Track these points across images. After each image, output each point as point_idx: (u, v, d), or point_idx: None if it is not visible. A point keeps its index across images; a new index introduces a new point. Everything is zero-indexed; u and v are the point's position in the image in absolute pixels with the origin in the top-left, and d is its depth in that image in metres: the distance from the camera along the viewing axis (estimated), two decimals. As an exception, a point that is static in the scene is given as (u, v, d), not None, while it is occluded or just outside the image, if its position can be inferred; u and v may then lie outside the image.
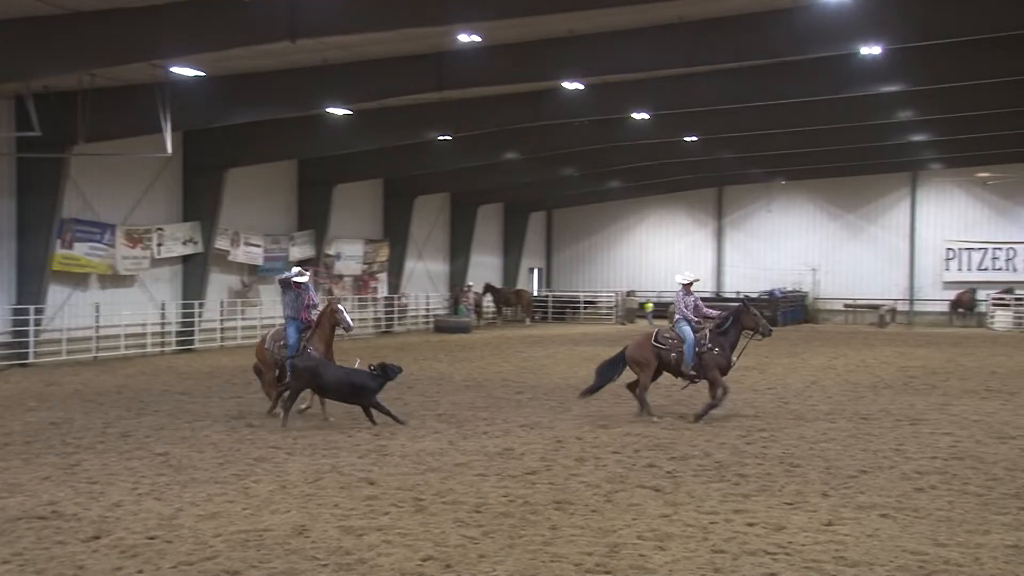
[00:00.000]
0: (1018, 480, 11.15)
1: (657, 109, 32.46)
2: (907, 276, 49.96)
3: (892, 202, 50.65)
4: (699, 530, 9.06)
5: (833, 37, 23.57)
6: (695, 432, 14.54)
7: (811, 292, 50.64)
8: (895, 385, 20.89)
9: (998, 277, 47.92)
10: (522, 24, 22.57)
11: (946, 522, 9.31)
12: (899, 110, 34.24)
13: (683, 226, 54.33)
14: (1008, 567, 7.92)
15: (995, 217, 48.84)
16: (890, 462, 12.24)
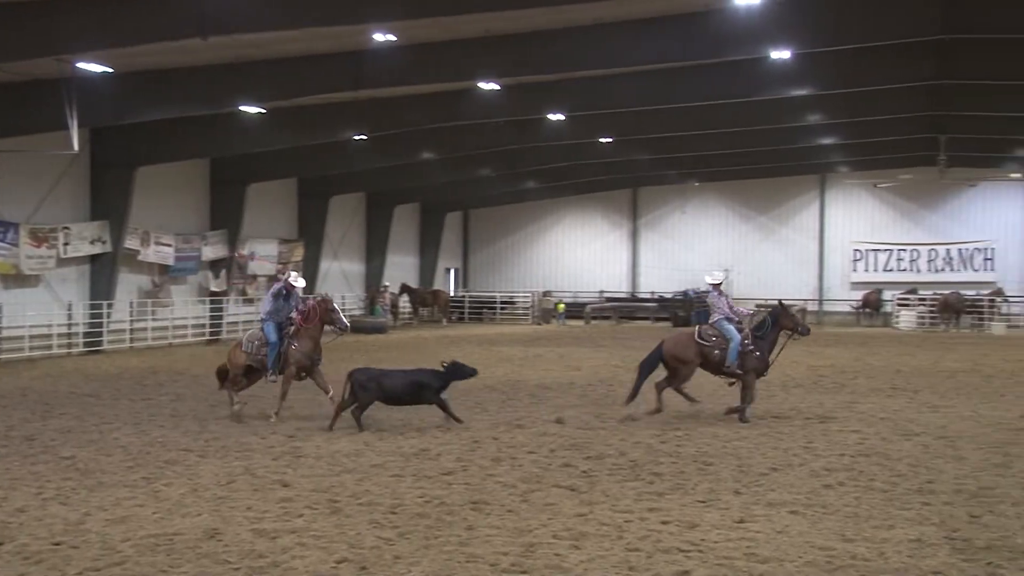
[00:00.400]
0: (921, 476, 11.43)
1: (573, 110, 32.66)
2: (817, 276, 51.03)
3: (802, 204, 51.66)
4: (614, 529, 9.12)
5: (745, 41, 23.96)
6: (610, 431, 14.65)
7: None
8: (805, 384, 21.28)
9: (902, 278, 49.22)
10: (438, 24, 22.53)
11: (853, 518, 9.50)
12: (808, 113, 34.95)
13: (599, 227, 54.72)
14: (911, 560, 8.11)
15: (899, 219, 50.20)
16: (800, 460, 12.45)
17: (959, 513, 9.66)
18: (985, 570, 7.88)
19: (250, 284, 37.69)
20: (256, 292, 37.82)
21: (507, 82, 28.50)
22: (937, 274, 49.11)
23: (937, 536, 8.84)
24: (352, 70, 24.88)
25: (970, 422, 15.72)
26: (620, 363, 26.01)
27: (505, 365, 25.53)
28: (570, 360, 26.97)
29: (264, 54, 24.31)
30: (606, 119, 35.10)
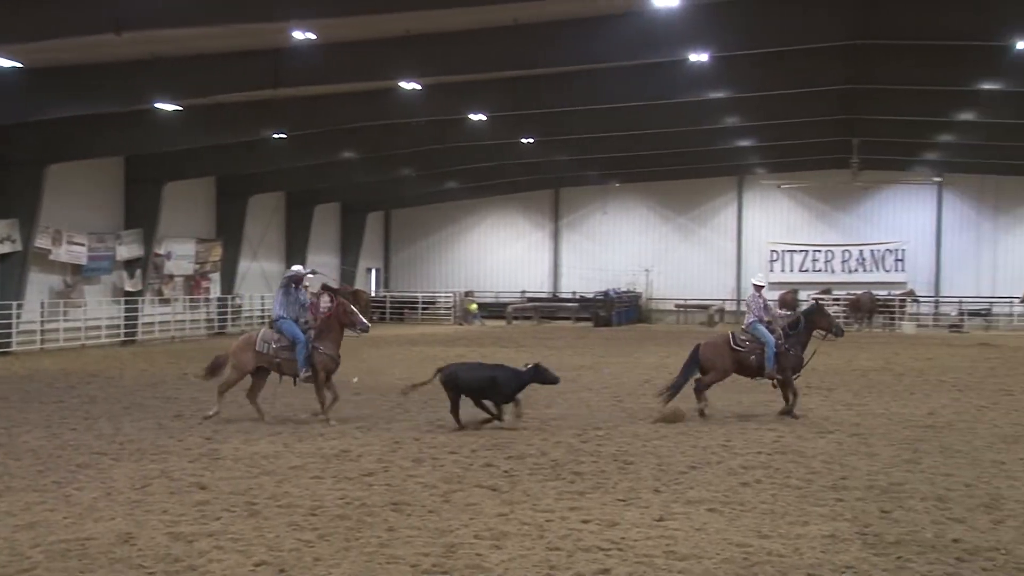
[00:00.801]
0: (835, 472, 11.65)
1: (494, 110, 32.72)
2: (735, 277, 51.71)
3: (721, 205, 52.36)
4: (535, 528, 9.14)
5: (664, 44, 24.22)
6: (532, 431, 14.69)
7: (644, 293, 51.83)
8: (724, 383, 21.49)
9: (817, 278, 50.13)
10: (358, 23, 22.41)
11: (769, 514, 9.65)
12: (726, 116, 35.46)
13: (521, 227, 54.85)
14: (825, 556, 8.26)
15: (814, 221, 51.17)
16: (718, 458, 12.61)
17: (871, 508, 9.86)
18: (895, 564, 8.06)
19: (166, 284, 37.06)
20: (172, 292, 37.23)
21: (428, 82, 28.43)
22: (850, 274, 50.12)
23: (850, 531, 9.01)
24: (271, 68, 24.60)
25: (882, 419, 16.07)
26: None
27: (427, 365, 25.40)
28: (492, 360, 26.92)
29: (180, 51, 23.91)
30: (527, 119, 35.21)
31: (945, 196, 49.66)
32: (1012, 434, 14.41)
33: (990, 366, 26.07)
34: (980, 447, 13.42)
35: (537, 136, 38.49)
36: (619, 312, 48.10)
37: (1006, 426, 15.31)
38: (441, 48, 24.47)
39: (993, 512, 9.73)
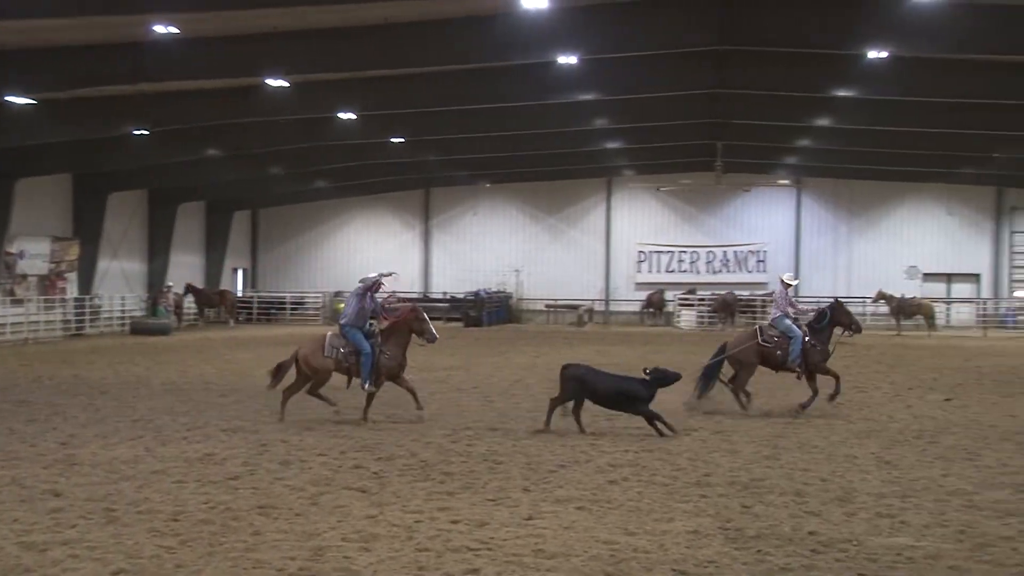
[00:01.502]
0: (699, 469, 11.92)
1: (364, 109, 32.50)
2: (603, 277, 52.46)
3: (590, 206, 53.05)
4: (404, 530, 9.11)
5: (533, 45, 24.42)
6: (401, 432, 14.64)
7: (515, 293, 52.14)
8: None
9: (683, 279, 51.26)
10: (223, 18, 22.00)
11: (636, 511, 9.82)
12: (595, 118, 35.92)
13: (391, 227, 54.62)
14: (689, 551, 8.45)
15: (680, 222, 52.30)
16: (587, 456, 12.76)
17: (733, 504, 10.12)
18: (755, 557, 8.28)
19: (19, 284, 35.69)
20: (25, 292, 35.88)
21: (296, 79, 28.05)
22: (715, 275, 51.38)
23: (712, 527, 9.23)
24: (131, 62, 23.92)
25: (744, 416, 16.47)
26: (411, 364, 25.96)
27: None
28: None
29: (33, 42, 23.05)
30: (397, 119, 35.08)
31: (804, 199, 51.37)
32: (864, 430, 14.96)
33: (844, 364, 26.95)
34: (835, 442, 13.89)
35: (407, 136, 38.36)
36: (489, 312, 48.28)
37: (859, 422, 15.89)
38: (309, 45, 24.19)
39: (846, 505, 10.08)
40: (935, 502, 10.19)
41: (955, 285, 50.40)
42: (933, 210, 50.60)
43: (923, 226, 50.62)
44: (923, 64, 27.43)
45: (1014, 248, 49.98)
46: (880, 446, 13.54)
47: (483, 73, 28.62)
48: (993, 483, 11.14)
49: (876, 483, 11.12)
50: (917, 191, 50.05)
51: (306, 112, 31.97)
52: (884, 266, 49.64)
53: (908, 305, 43.39)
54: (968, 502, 10.18)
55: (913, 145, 39.11)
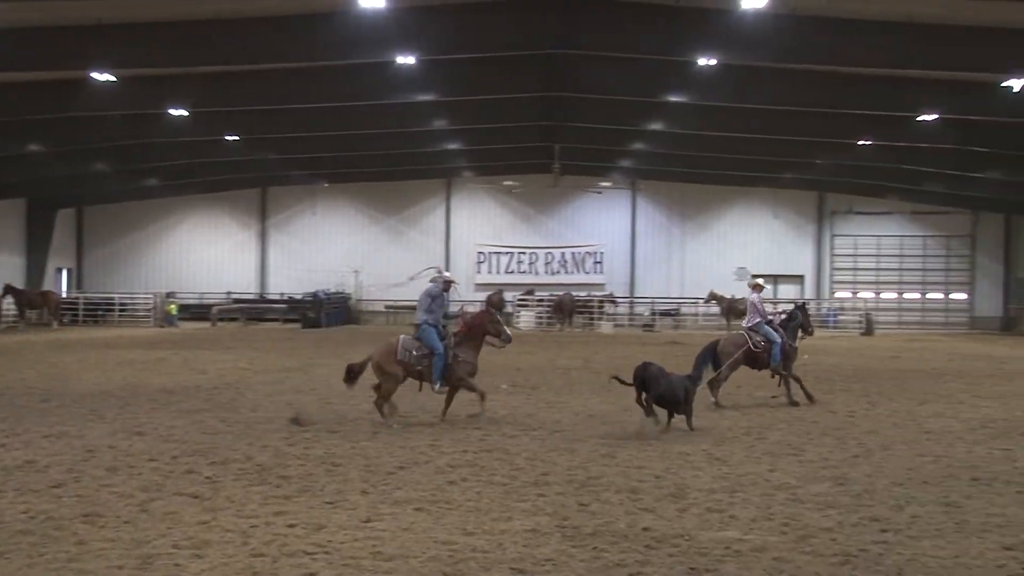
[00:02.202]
0: (538, 469, 12.04)
1: (196, 106, 31.72)
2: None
3: (430, 207, 53.10)
4: (238, 535, 8.92)
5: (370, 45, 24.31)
6: (236, 436, 14.33)
7: (354, 294, 51.73)
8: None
9: (522, 279, 51.83)
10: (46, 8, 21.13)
11: (475, 512, 9.85)
12: (434, 119, 35.97)
13: (226, 227, 53.51)
14: (527, 550, 8.53)
15: (519, 223, 52.88)
16: (426, 457, 12.74)
17: (570, 502, 10.26)
18: (591, 555, 8.42)
19: None
20: None
21: (124, 74, 27.18)
22: (553, 276, 52.13)
23: (550, 525, 9.34)
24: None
25: (582, 416, 16.74)
26: (247, 365, 25.55)
27: (124, 369, 24.33)
28: (195, 363, 26.12)
29: None
30: (232, 117, 34.38)
31: (639, 202, 52.62)
32: (696, 427, 15.36)
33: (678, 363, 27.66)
34: (669, 440, 14.24)
35: (242, 134, 37.62)
36: (328, 313, 47.77)
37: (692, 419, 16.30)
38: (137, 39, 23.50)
39: (679, 501, 10.35)
40: (762, 496, 10.56)
41: (781, 286, 52.43)
42: (760, 213, 52.54)
43: (751, 229, 52.50)
44: (749, 72, 28.49)
45: (835, 250, 52.34)
46: (711, 443, 13.94)
47: (320, 71, 28.33)
48: (815, 477, 11.62)
49: (707, 479, 11.45)
50: (746, 195, 51.89)
51: (134, 108, 31.01)
52: (715, 267, 51.28)
53: (738, 305, 44.84)
54: (792, 496, 10.59)
55: (741, 150, 40.53)
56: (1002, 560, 8.26)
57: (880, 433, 14.95)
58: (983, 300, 52.17)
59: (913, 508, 10.03)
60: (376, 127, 36.71)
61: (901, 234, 52.11)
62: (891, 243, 52.09)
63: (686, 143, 40.25)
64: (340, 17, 23.23)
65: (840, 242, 52.42)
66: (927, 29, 23.69)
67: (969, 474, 11.78)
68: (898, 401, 18.77)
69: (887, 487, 11.02)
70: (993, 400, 19.28)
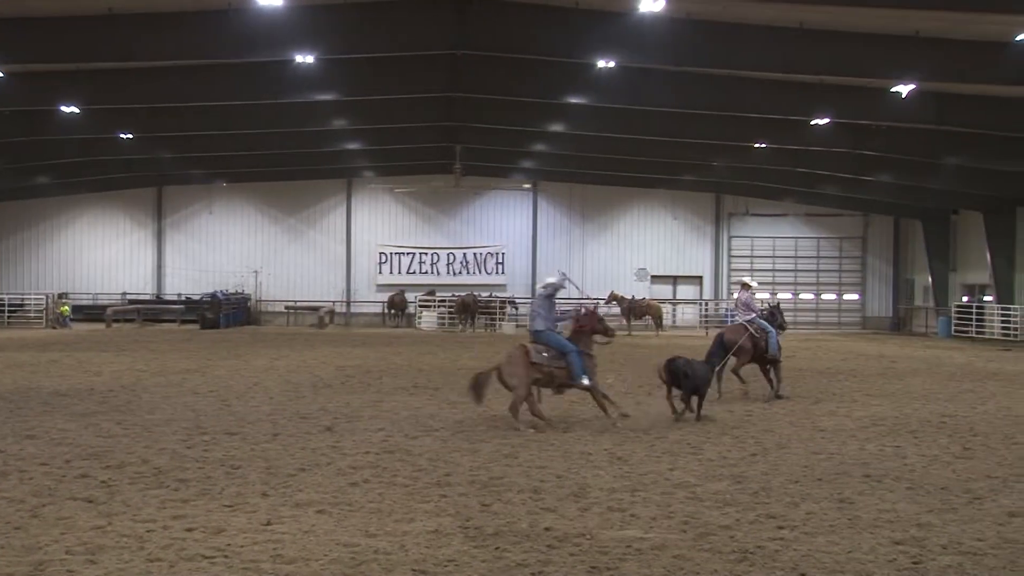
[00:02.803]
0: (440, 469, 12.02)
1: (89, 103, 30.95)
2: (345, 279, 52.17)
3: (330, 207, 52.67)
4: (134, 540, 8.73)
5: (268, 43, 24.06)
6: (132, 439, 14.02)
7: (254, 294, 51.06)
8: (333, 384, 21.63)
9: (424, 280, 51.74)
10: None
11: (377, 513, 9.80)
12: (334, 118, 35.68)
13: (121, 226, 52.37)
14: (429, 551, 8.51)
15: (421, 224, 52.77)
16: (327, 459, 12.63)
17: (472, 503, 10.27)
18: (493, 555, 8.44)
19: None
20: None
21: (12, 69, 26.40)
22: (455, 277, 52.11)
23: (453, 526, 9.33)
24: None
25: (484, 416, 16.73)
26: (144, 367, 25.04)
27: (15, 372, 23.63)
28: (90, 365, 25.51)
29: None
30: (126, 114, 33.67)
31: (540, 202, 52.90)
32: (598, 426, 15.51)
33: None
34: (571, 439, 14.33)
35: (137, 132, 36.84)
36: (227, 314, 47.06)
37: (593, 420, 16.44)
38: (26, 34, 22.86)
39: (580, 500, 10.43)
40: (662, 495, 10.70)
41: (680, 286, 53.27)
42: (660, 214, 53.26)
43: (651, 230, 53.20)
44: (647, 75, 28.85)
45: (732, 252, 53.31)
46: (612, 442, 14.07)
47: (217, 69, 27.91)
48: (714, 475, 11.81)
49: (608, 478, 11.55)
50: (645, 196, 52.54)
51: (25, 104, 30.14)
52: (615, 267, 51.87)
53: (638, 306, 45.41)
54: (692, 494, 10.75)
55: (640, 152, 41.04)
56: (892, 555, 8.50)
57: (777, 432, 15.27)
58: (874, 300, 53.69)
59: (808, 505, 10.27)
60: (275, 126, 36.29)
61: (796, 236, 53.31)
62: (786, 244, 53.26)
63: (586, 144, 40.58)
64: (236, 14, 22.90)
65: (737, 243, 53.43)
66: (818, 35, 24.28)
67: (861, 471, 12.09)
68: (794, 400, 19.20)
69: (783, 484, 11.26)
70: (884, 398, 19.83)
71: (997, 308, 43.43)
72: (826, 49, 24.65)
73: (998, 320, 43.36)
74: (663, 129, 35.35)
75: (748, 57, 25.29)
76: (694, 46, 24.85)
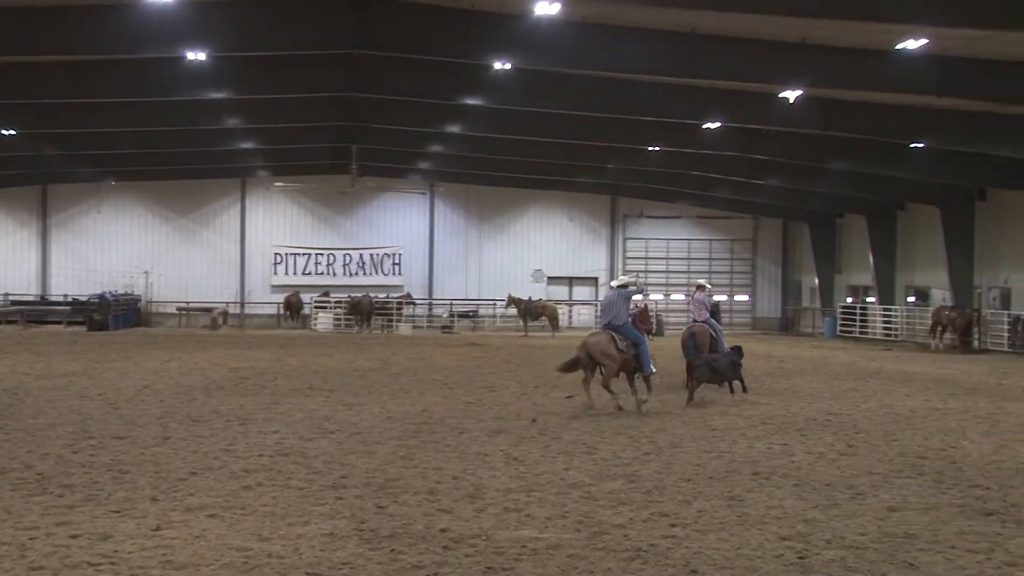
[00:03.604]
0: (335, 472, 11.92)
1: (-34, 98, 29.96)
2: (239, 279, 51.37)
3: (224, 207, 51.83)
4: (16, 548, 8.47)
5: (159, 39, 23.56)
6: (15, 444, 13.60)
7: (144, 295, 49.98)
8: (226, 387, 21.30)
9: (320, 281, 51.27)
10: None
11: (270, 517, 9.67)
12: (227, 117, 35.10)
13: (4, 226, 50.87)
14: (324, 554, 8.44)
15: (317, 224, 52.28)
16: (220, 462, 12.43)
17: (368, 505, 10.21)
18: (389, 557, 8.40)
19: None
20: None
21: None
22: (351, 278, 51.70)
23: (348, 528, 9.27)
24: None
25: (380, 418, 16.68)
26: (27, 370, 24.33)
27: None
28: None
29: None
30: (9, 110, 32.60)
31: (437, 203, 52.83)
32: (495, 428, 15.56)
33: (476, 364, 28.02)
34: (467, 440, 14.36)
35: (20, 128, 35.72)
36: (116, 315, 45.97)
37: (489, 420, 16.51)
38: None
39: (476, 501, 10.45)
40: (557, 495, 10.77)
41: (576, 288, 53.69)
42: (556, 216, 53.62)
43: (547, 231, 53.52)
44: (543, 76, 29.00)
45: (627, 253, 53.94)
46: (508, 443, 14.12)
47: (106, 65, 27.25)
48: (608, 474, 11.94)
49: (504, 479, 11.60)
50: (542, 198, 52.84)
51: None
52: (512, 269, 52.06)
53: (534, 307, 45.65)
54: (586, 493, 10.85)
55: (537, 154, 41.28)
56: (780, 550, 8.70)
57: (670, 431, 15.49)
58: (764, 301, 54.86)
59: (700, 503, 10.45)
60: (166, 124, 35.54)
61: (689, 238, 54.16)
62: (679, 246, 54.06)
63: (483, 146, 40.64)
64: (127, 9, 22.39)
65: (632, 245, 54.07)
66: (710, 40, 24.68)
67: (751, 469, 12.35)
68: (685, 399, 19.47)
69: (676, 483, 11.44)
70: (773, 397, 20.28)
71: (879, 309, 44.79)
72: (718, 54, 25.07)
73: (880, 320, 44.73)
74: (559, 131, 35.57)
75: (642, 61, 25.58)
76: (589, 49, 25.05)
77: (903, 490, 11.17)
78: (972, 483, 11.60)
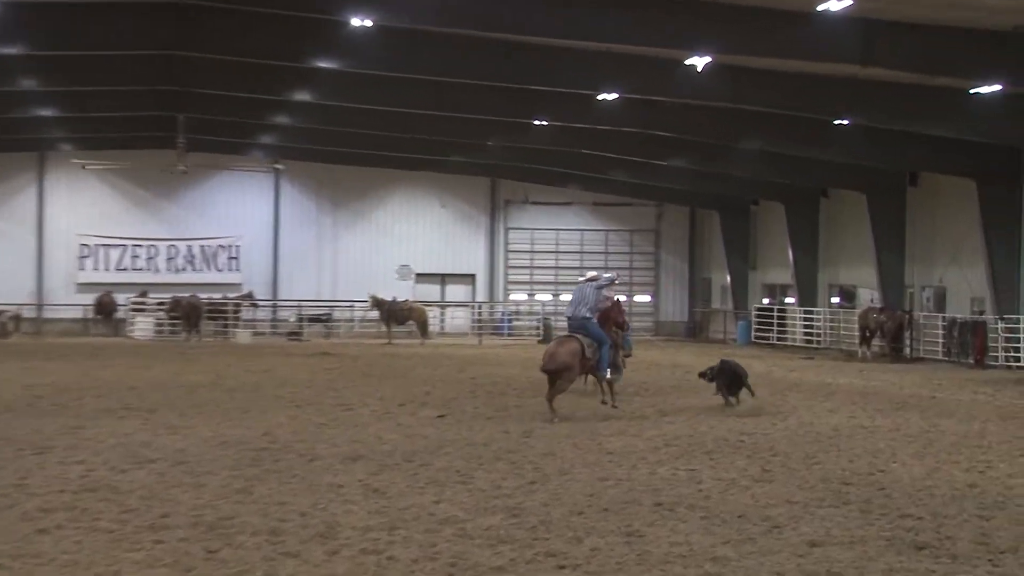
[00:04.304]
0: (155, 510, 11.68)
1: None
2: (36, 276, 50.00)
3: (16, 188, 50.50)
4: None
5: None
6: None
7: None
8: (18, 407, 20.76)
9: (139, 278, 50.23)
10: None
11: (72, 567, 9.44)
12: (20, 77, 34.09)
13: None
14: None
15: (135, 210, 51.17)
16: (10, 500, 12.09)
17: (195, 549, 10.03)
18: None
19: None
20: None
21: None
22: (178, 274, 50.84)
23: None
24: None
25: (211, 444, 16.42)
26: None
27: None
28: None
29: None
30: None
31: (283, 186, 52.29)
32: (351, 453, 15.46)
33: (330, 378, 27.83)
34: (318, 469, 14.23)
35: None
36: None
37: (344, 444, 16.40)
38: None
39: (328, 542, 10.36)
40: (425, 533, 10.74)
41: (450, 286, 53.72)
42: (426, 202, 53.62)
43: (416, 220, 53.43)
44: (411, 36, 28.91)
45: (509, 246, 54.14)
46: (368, 472, 14.04)
47: None
48: (486, 508, 11.96)
49: (362, 515, 11.52)
50: (409, 180, 52.79)
51: None
52: (374, 264, 51.89)
53: (399, 310, 45.35)
54: (460, 531, 10.84)
55: (403, 128, 41.18)
56: (686, 593, 8.82)
57: (558, 455, 15.59)
58: (668, 303, 55.71)
59: (593, 540, 10.52)
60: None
61: (582, 228, 54.65)
62: (571, 237, 54.48)
63: (339, 117, 40.37)
64: None
65: (515, 235, 54.31)
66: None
67: (652, 498, 12.50)
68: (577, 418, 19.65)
69: (565, 517, 11.51)
70: (677, 415, 20.56)
71: (799, 311, 45.73)
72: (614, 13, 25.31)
73: (800, 324, 45.66)
74: (429, 101, 35.54)
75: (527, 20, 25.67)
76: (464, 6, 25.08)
77: (826, 521, 11.43)
78: (903, 512, 11.93)
